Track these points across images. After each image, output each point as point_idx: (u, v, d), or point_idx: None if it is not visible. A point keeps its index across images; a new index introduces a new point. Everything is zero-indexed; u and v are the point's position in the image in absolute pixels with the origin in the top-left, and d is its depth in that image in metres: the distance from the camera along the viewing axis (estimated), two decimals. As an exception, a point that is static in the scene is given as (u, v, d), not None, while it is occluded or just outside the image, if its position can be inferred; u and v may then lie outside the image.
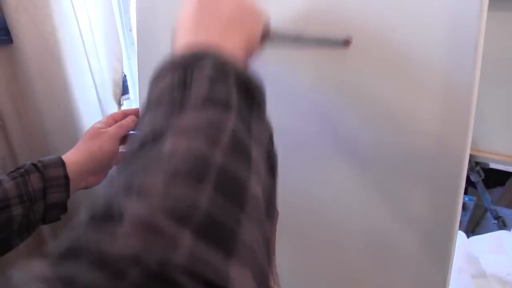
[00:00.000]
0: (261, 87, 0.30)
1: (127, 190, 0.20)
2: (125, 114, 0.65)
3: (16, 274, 0.16)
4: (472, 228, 1.00)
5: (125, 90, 0.87)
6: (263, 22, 0.37)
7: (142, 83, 0.66)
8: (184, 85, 0.26)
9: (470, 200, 1.04)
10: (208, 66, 0.27)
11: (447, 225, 0.40)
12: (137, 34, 0.64)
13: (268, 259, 0.23)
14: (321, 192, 0.49)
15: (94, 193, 0.79)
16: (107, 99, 0.82)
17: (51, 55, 0.69)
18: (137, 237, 0.17)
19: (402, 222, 0.43)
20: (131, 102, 0.93)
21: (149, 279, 0.16)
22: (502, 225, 0.96)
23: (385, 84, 0.41)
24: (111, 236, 0.18)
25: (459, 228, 0.41)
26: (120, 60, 0.83)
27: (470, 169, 0.89)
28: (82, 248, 0.17)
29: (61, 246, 0.18)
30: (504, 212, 0.97)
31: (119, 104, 0.86)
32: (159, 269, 0.17)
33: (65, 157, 0.54)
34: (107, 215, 0.19)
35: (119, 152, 0.62)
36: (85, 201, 0.78)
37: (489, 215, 0.98)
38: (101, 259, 0.17)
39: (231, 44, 0.31)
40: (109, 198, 0.20)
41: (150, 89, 0.28)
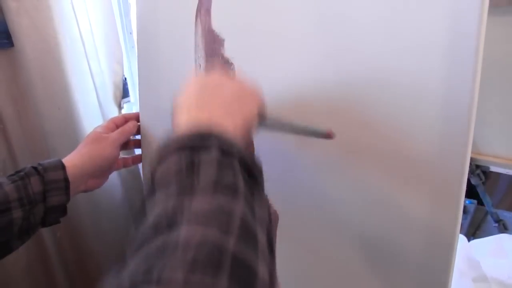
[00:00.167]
0: (260, 166, 0.31)
1: (148, 279, 0.20)
2: (126, 118, 0.65)
3: None
4: (473, 231, 1.00)
5: (125, 93, 0.87)
6: (260, 103, 0.38)
7: (142, 86, 0.66)
8: (192, 168, 0.27)
9: (471, 203, 1.04)
10: (214, 148, 0.28)
11: (449, 228, 0.40)
12: (137, 37, 0.65)
13: None
14: (320, 197, 0.49)
15: (96, 200, 0.79)
16: (107, 102, 0.82)
17: (51, 58, 0.69)
18: None
19: (403, 226, 0.43)
20: (131, 105, 0.93)
21: None
22: (503, 228, 0.95)
23: (385, 87, 0.41)
24: None
25: (460, 231, 0.41)
26: (120, 63, 0.83)
27: (471, 172, 0.89)
28: None
29: None
30: (505, 215, 0.97)
31: (119, 107, 0.86)
32: None
33: (65, 160, 0.54)
34: None
35: (121, 158, 0.62)
36: (85, 204, 0.77)
37: (490, 218, 0.98)
38: None
39: (232, 125, 0.32)
40: (131, 283, 0.20)
41: (155, 167, 0.29)
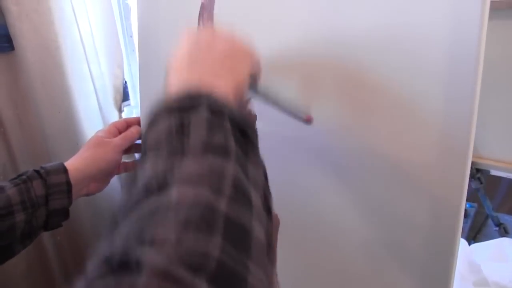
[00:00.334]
0: (254, 126, 0.30)
1: (141, 240, 0.20)
2: (127, 123, 0.65)
3: None
4: (474, 235, 1.00)
5: (125, 96, 0.87)
6: (254, 62, 0.38)
7: (143, 89, 0.66)
8: (182, 130, 0.26)
9: (471, 206, 1.04)
10: (204, 109, 0.28)
11: (450, 232, 0.40)
12: (138, 40, 0.65)
13: None
14: (321, 201, 0.49)
15: (96, 204, 0.79)
16: (107, 105, 0.82)
17: (52, 61, 0.69)
18: None
19: (403, 230, 0.43)
20: (132, 108, 0.93)
21: None
22: (504, 232, 0.95)
23: (386, 90, 0.41)
24: None
25: (460, 235, 0.40)
26: (120, 67, 0.83)
27: (471, 175, 0.89)
28: None
29: None
30: (506, 219, 0.97)
31: (120, 110, 0.86)
32: None
33: (67, 164, 0.54)
34: (123, 264, 0.19)
35: (122, 162, 0.62)
36: (86, 208, 0.77)
37: (490, 222, 0.98)
38: None
39: (223, 84, 0.32)
40: (124, 245, 0.20)
41: (147, 132, 0.29)
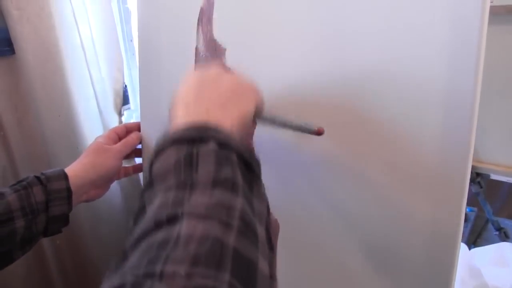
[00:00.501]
0: (258, 161, 0.31)
1: (150, 273, 0.20)
2: (127, 128, 0.65)
3: None
4: (474, 239, 1.00)
5: (125, 100, 0.87)
6: (257, 99, 0.39)
7: (143, 93, 0.66)
8: (191, 161, 0.27)
9: (471, 211, 1.04)
10: (212, 141, 0.28)
11: (450, 237, 0.40)
12: (138, 45, 0.65)
13: None
14: (321, 204, 0.49)
15: (96, 208, 0.79)
16: (107, 109, 0.82)
17: (53, 65, 0.69)
18: None
19: (404, 235, 0.43)
20: (132, 112, 0.93)
21: None
22: (504, 236, 0.95)
23: (387, 94, 0.41)
24: None
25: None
26: (121, 70, 0.83)
27: (471, 180, 0.89)
28: None
29: None
30: (506, 223, 0.97)
31: (120, 114, 0.86)
32: None
33: (67, 170, 0.54)
34: None
35: (122, 167, 0.62)
36: (85, 212, 0.77)
37: (490, 226, 0.97)
38: None
39: (229, 120, 0.32)
40: (134, 279, 0.20)
41: (153, 162, 0.29)
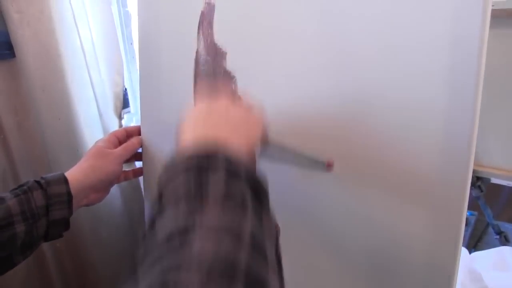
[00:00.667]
0: (266, 183, 0.32)
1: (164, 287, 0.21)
2: (127, 132, 0.65)
3: None
4: (474, 243, 1.00)
5: (125, 103, 0.87)
6: (264, 128, 0.41)
7: (143, 96, 0.66)
8: (201, 183, 0.27)
9: (472, 215, 1.04)
10: (221, 163, 0.29)
11: (451, 241, 0.39)
12: (138, 48, 0.65)
13: None
14: (322, 208, 0.49)
15: (96, 211, 0.78)
16: (107, 112, 0.82)
17: (53, 68, 0.69)
18: None
19: (404, 239, 0.43)
20: (132, 115, 0.93)
21: None
22: (505, 240, 0.95)
23: (387, 100, 0.41)
24: None
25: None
26: (121, 74, 0.83)
27: (471, 183, 0.88)
28: None
29: None
30: (507, 227, 0.97)
31: (120, 117, 0.86)
32: None
33: (67, 174, 0.53)
34: None
35: (122, 171, 0.62)
36: (85, 215, 0.77)
37: (491, 230, 0.97)
38: None
39: (237, 144, 0.33)
40: None
41: (163, 186, 0.29)
